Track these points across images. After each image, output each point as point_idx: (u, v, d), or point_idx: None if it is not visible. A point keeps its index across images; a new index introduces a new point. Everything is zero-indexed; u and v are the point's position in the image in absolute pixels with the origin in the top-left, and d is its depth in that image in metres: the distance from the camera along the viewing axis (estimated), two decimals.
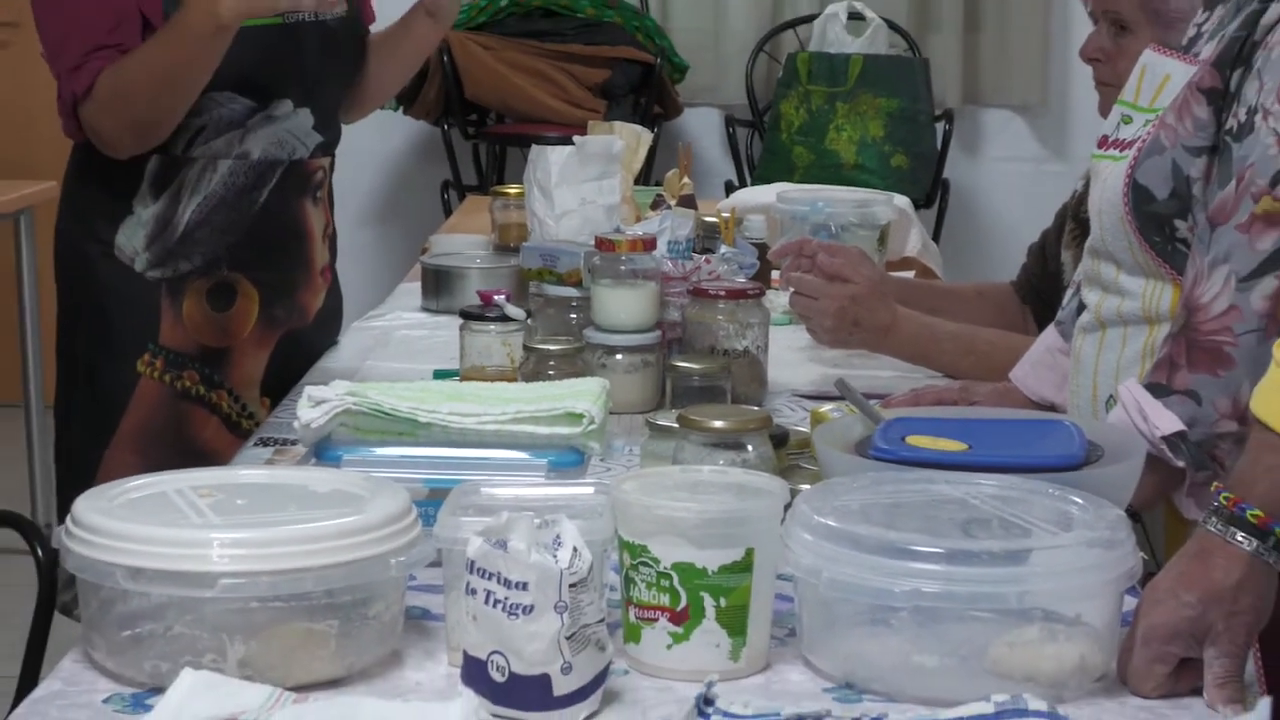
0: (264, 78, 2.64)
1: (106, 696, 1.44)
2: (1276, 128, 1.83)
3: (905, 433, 1.77)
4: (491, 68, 5.49)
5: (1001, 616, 1.45)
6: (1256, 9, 1.90)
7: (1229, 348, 1.84)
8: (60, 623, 2.28)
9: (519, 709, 1.39)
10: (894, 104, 5.52)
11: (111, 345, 2.70)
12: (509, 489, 1.63)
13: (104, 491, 1.55)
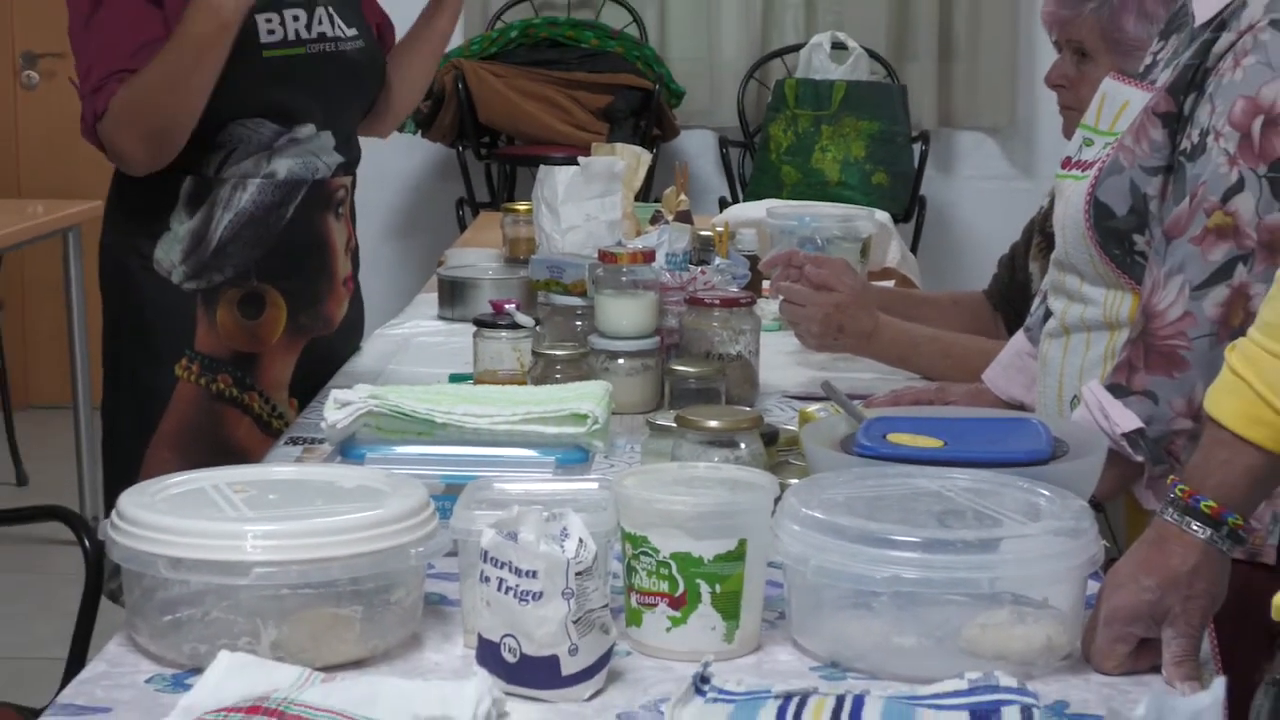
0: (288, 103, 2.64)
1: (149, 677, 1.45)
2: (1227, 148, 1.83)
3: (886, 431, 1.77)
4: (503, 94, 5.49)
5: (974, 600, 1.45)
6: (1208, 39, 1.90)
7: (1184, 351, 1.84)
8: (106, 609, 2.28)
9: (530, 687, 1.39)
10: (874, 126, 5.52)
11: (151, 351, 2.70)
12: (519, 484, 1.63)
13: (146, 487, 1.55)
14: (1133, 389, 1.87)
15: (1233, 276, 1.83)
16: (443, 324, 2.91)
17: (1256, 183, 1.82)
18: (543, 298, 2.54)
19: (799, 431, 1.94)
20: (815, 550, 1.45)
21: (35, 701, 1.76)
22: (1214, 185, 1.83)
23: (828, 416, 1.95)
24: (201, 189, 2.65)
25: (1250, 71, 1.83)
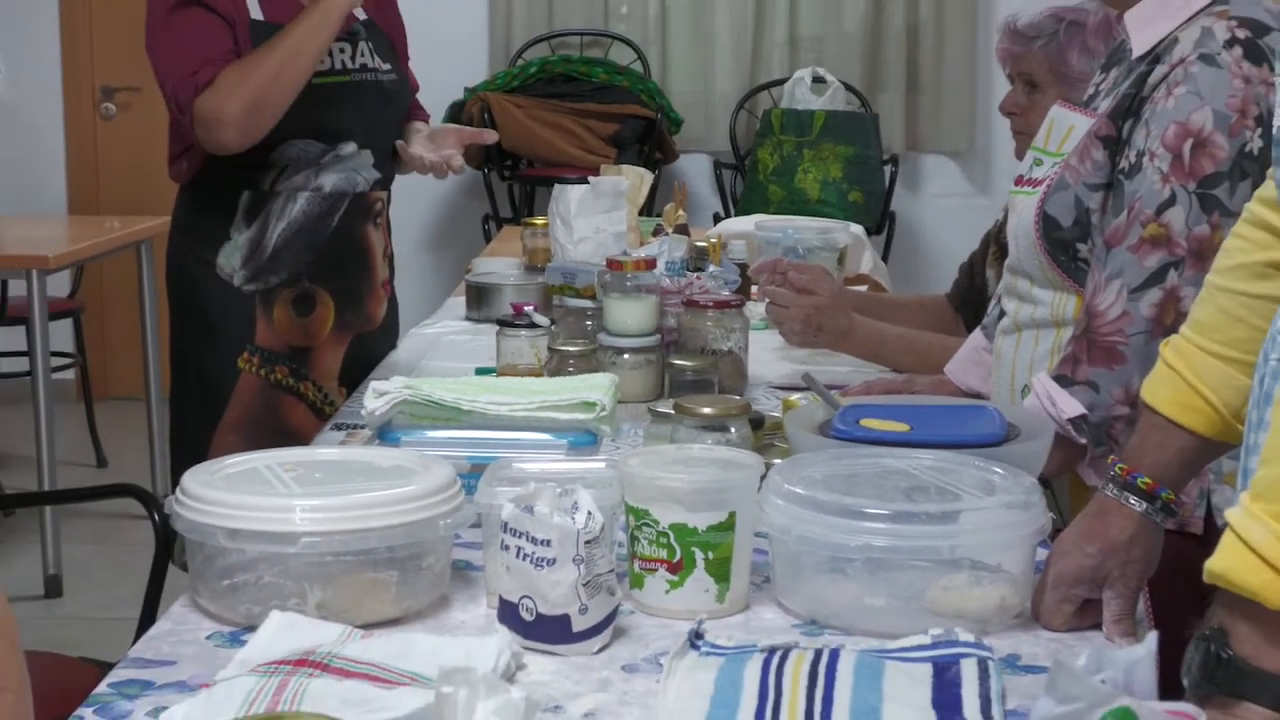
0: (334, 124, 2.64)
1: (209, 634, 1.45)
2: (1160, 167, 1.82)
3: (859, 417, 1.77)
4: (523, 123, 5.49)
5: (936, 565, 1.45)
6: (1144, 71, 1.90)
7: (1122, 346, 1.84)
8: (172, 575, 2.28)
9: (544, 643, 1.39)
10: (850, 151, 5.52)
11: (216, 347, 2.71)
12: (536, 464, 1.63)
13: (207, 467, 1.56)
14: (1077, 379, 1.86)
15: (1165, 281, 1.82)
16: (470, 324, 2.91)
17: (1186, 198, 1.81)
18: (557, 300, 2.54)
19: (782, 417, 1.94)
20: (796, 521, 1.46)
21: (111, 656, 1.76)
22: (1149, 200, 1.83)
23: (808, 404, 1.95)
24: (258, 202, 2.66)
25: (1181, 100, 1.83)
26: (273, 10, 2.62)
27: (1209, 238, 1.81)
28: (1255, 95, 1.81)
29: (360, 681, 1.27)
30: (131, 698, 1.31)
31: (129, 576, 3.49)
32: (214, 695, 1.26)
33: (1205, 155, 1.81)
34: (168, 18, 2.59)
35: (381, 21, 2.82)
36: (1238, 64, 1.82)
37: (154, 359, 4.58)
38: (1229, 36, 1.83)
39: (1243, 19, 1.84)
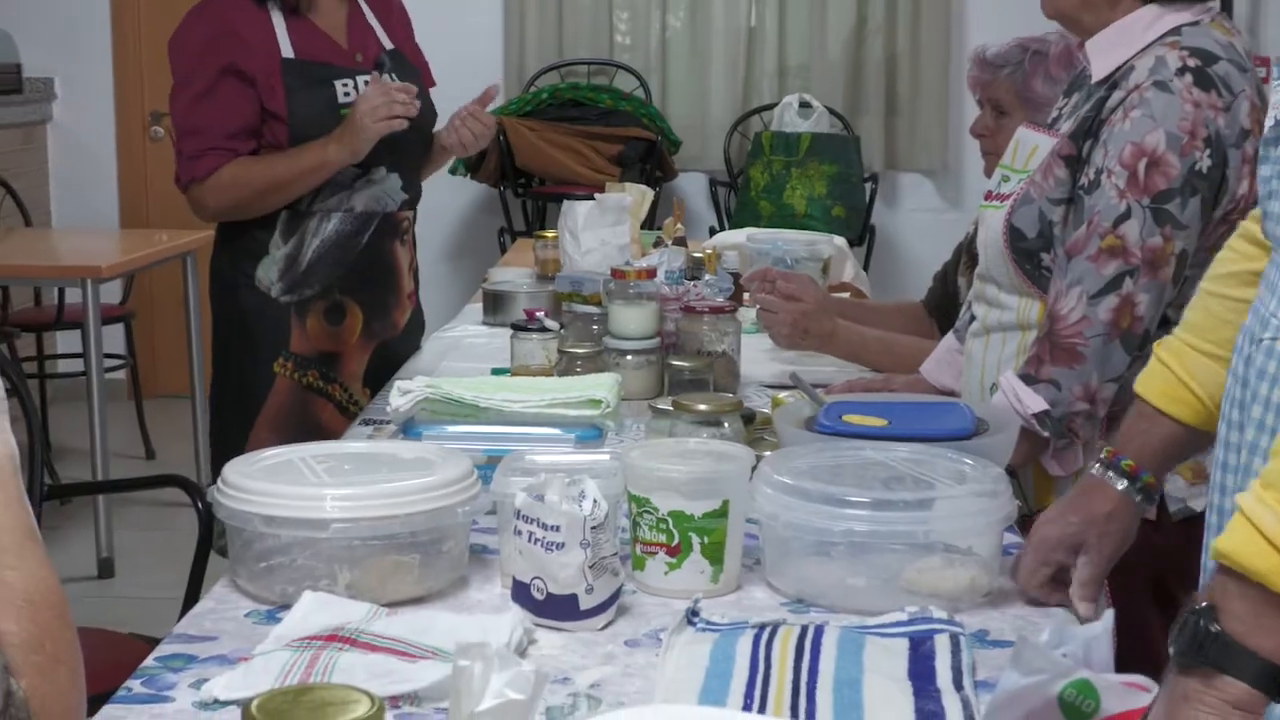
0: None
1: (247, 612, 1.45)
2: (1117, 184, 1.82)
3: (842, 413, 1.77)
4: (535, 144, 5.50)
5: (912, 549, 1.45)
6: (1102, 95, 1.90)
7: (1081, 348, 1.84)
8: (214, 559, 2.28)
9: (554, 620, 1.39)
10: (834, 169, 5.52)
11: (254, 352, 2.71)
12: (546, 456, 1.63)
13: (245, 460, 1.56)
14: (1040, 378, 1.86)
15: (1121, 288, 1.82)
16: (486, 328, 2.90)
17: (1141, 212, 1.81)
18: (566, 307, 2.54)
19: (772, 413, 1.94)
20: (784, 508, 1.46)
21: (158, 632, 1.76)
22: (1106, 214, 1.83)
23: (795, 401, 1.95)
24: (295, 221, 2.66)
25: (1137, 122, 1.82)
26: (302, 48, 2.62)
27: (1161, 248, 1.81)
28: (1204, 118, 1.81)
29: (385, 655, 1.28)
30: (176, 670, 1.31)
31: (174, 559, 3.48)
32: (252, 668, 1.27)
33: (1158, 173, 1.81)
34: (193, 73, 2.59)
35: (407, 52, 2.82)
36: (1188, 90, 1.82)
37: (198, 361, 4.58)
38: (1180, 65, 1.83)
39: (1193, 49, 1.84)
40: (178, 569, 2.49)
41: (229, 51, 2.58)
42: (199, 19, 2.63)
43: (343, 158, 2.58)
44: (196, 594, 2.23)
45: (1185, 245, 1.82)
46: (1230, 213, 1.84)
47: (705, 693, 1.20)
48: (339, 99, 2.62)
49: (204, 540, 2.29)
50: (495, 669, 0.90)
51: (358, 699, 0.93)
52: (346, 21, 2.72)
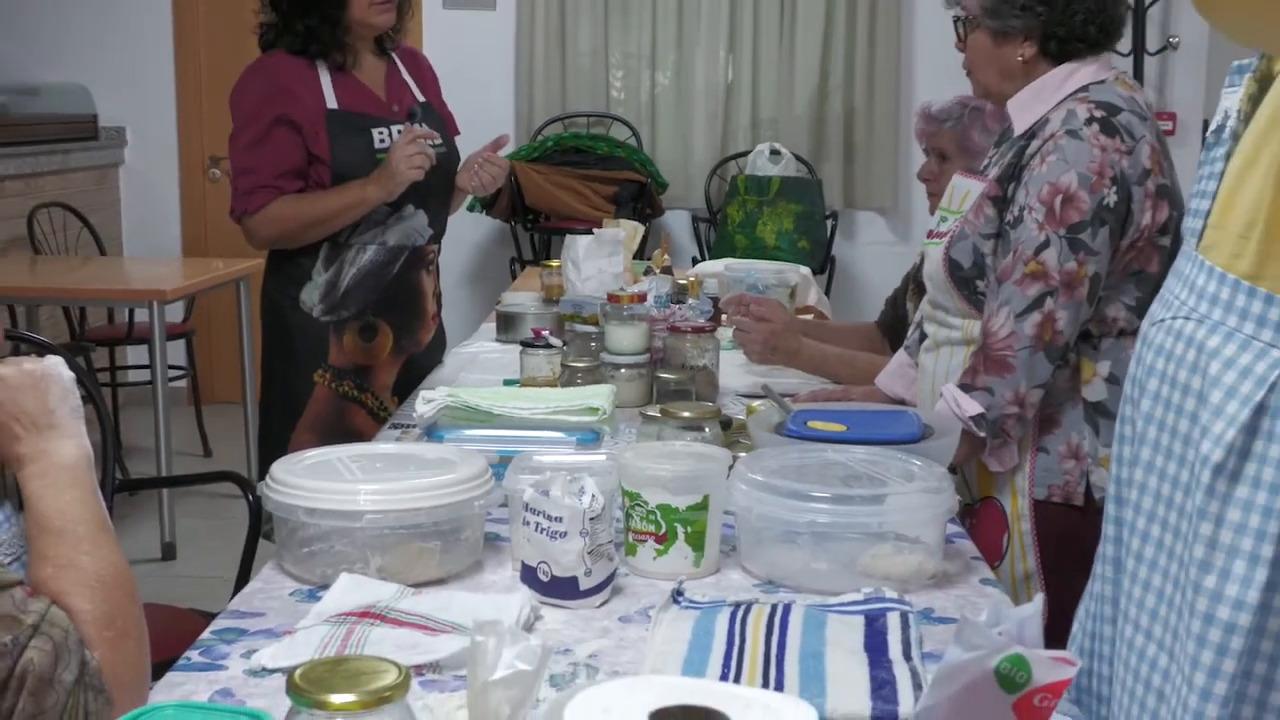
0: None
1: (291, 591, 1.45)
2: (1037, 218, 1.85)
3: (807, 419, 1.77)
4: (542, 185, 5.50)
5: (867, 537, 1.45)
6: (1023, 144, 1.93)
7: (1011, 359, 1.85)
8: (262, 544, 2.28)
9: (557, 599, 1.39)
10: (799, 208, 5.53)
11: (297, 364, 2.70)
12: (550, 456, 1.63)
13: (290, 459, 1.55)
14: (976, 386, 1.87)
15: (1044, 306, 1.84)
16: (499, 344, 2.90)
17: (1058, 241, 1.83)
18: (569, 326, 2.54)
19: (746, 420, 1.93)
20: (757, 502, 1.46)
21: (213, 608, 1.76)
22: (1029, 244, 1.85)
23: (766, 409, 1.94)
24: (335, 251, 2.66)
25: (1052, 165, 1.85)
26: (345, 100, 2.62)
27: (1076, 272, 1.83)
28: (1110, 160, 1.83)
29: (411, 630, 1.27)
30: (229, 642, 1.30)
31: (228, 545, 3.48)
32: (295, 640, 1.26)
33: (1072, 208, 1.83)
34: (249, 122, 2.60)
35: (435, 104, 2.82)
36: (1095, 137, 1.84)
37: (249, 372, 4.57)
38: (1088, 116, 1.85)
39: (1099, 102, 1.87)
40: (231, 553, 2.48)
41: (280, 103, 2.58)
42: (255, 75, 2.63)
43: (378, 197, 2.58)
44: (247, 575, 2.22)
45: (1097, 269, 1.85)
46: (1136, 240, 1.86)
47: (688, 663, 1.20)
48: (375, 145, 2.62)
49: (254, 528, 2.29)
50: (507, 643, 0.90)
51: (387, 668, 0.92)
52: (385, 77, 2.73)
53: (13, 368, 1.27)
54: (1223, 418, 1.07)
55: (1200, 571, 1.08)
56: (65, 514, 1.22)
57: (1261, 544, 1.04)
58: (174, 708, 0.92)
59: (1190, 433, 1.12)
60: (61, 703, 1.12)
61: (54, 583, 1.19)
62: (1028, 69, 1.95)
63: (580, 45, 5.81)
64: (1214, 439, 1.07)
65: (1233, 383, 1.07)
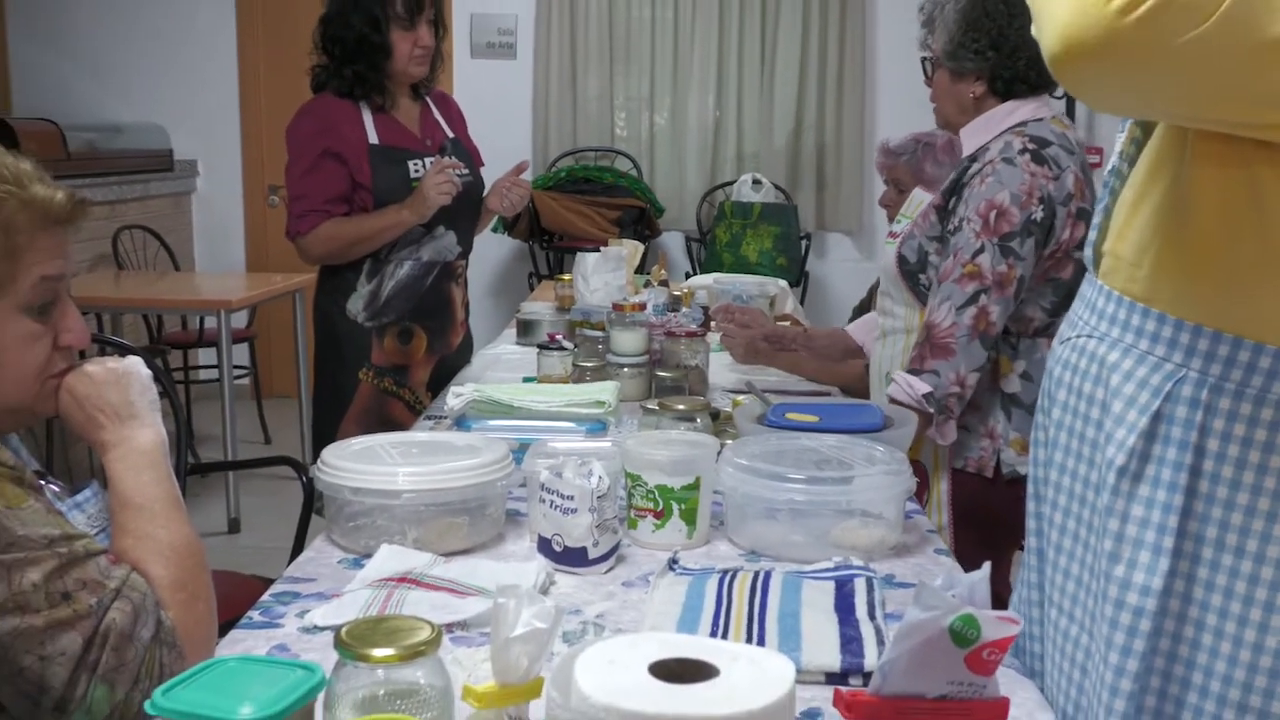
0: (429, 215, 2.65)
1: (339, 559, 1.44)
2: (974, 228, 1.89)
3: (785, 412, 1.77)
4: (556, 210, 5.49)
5: (837, 513, 1.44)
6: (965, 166, 1.98)
7: (953, 345, 1.88)
8: (314, 519, 2.27)
9: (569, 566, 1.38)
10: (778, 230, 5.53)
11: (344, 364, 2.70)
12: (563, 443, 1.62)
13: (338, 445, 1.54)
14: (923, 369, 1.90)
15: (979, 302, 1.87)
16: (519, 347, 2.90)
17: (992, 248, 1.87)
18: (579, 331, 2.53)
19: (732, 412, 1.93)
20: (741, 483, 1.45)
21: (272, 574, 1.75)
22: (966, 249, 1.88)
23: (750, 403, 1.94)
24: (376, 266, 2.66)
25: (990, 185, 1.89)
26: (386, 137, 2.62)
27: (1007, 274, 1.88)
28: (1038, 184, 1.88)
29: (442, 593, 1.27)
30: (285, 604, 1.30)
31: (285, 519, 3.48)
32: (343, 602, 1.26)
33: (1004, 220, 1.87)
34: (302, 154, 2.60)
35: (463, 140, 2.82)
36: (1027, 165, 1.88)
37: (303, 371, 4.57)
38: (1022, 147, 1.90)
39: (1033, 136, 1.92)
40: (287, 526, 2.48)
41: (329, 139, 2.58)
42: (308, 115, 2.64)
43: (413, 219, 2.59)
44: (301, 546, 2.22)
45: (1024, 272, 1.89)
46: (1055, 251, 1.91)
47: (682, 622, 1.19)
48: (411, 174, 2.62)
49: (307, 505, 2.29)
50: (525, 604, 0.89)
51: (422, 626, 0.92)
52: (419, 117, 2.73)
53: (99, 366, 1.27)
54: (1124, 425, 1.07)
55: (1110, 562, 1.07)
56: (143, 492, 1.22)
57: (1163, 536, 1.04)
58: (237, 660, 0.92)
59: (1097, 439, 1.11)
60: (140, 656, 1.11)
61: (134, 552, 1.18)
62: (978, 103, 2.00)
63: (589, 89, 5.81)
64: (1117, 444, 1.07)
65: (1132, 393, 1.07)
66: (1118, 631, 1.06)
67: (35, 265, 1.19)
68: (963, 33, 1.96)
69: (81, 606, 1.10)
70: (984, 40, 1.95)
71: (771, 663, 0.76)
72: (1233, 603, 1.02)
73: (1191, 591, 1.04)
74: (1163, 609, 1.05)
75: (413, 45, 2.60)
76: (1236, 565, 1.02)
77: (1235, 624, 1.02)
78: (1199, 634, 1.04)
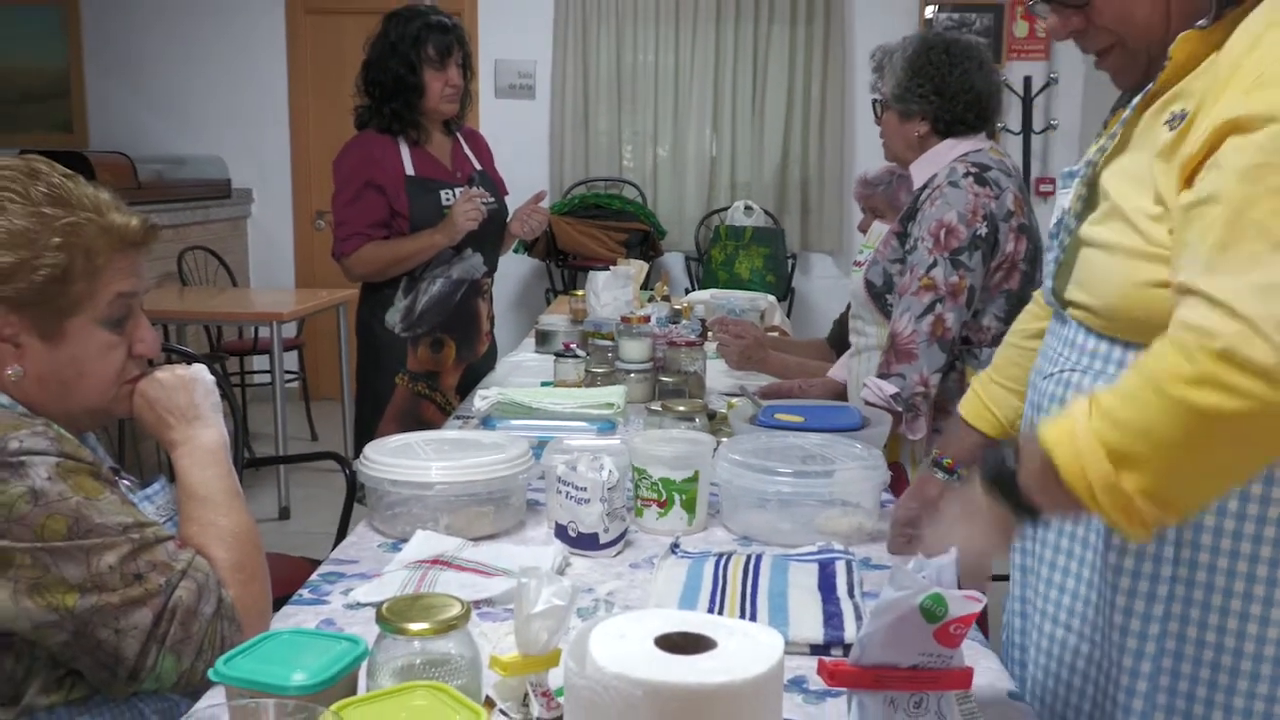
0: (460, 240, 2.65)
1: (379, 543, 1.44)
2: (927, 246, 1.89)
3: (774, 413, 1.77)
4: (571, 233, 5.49)
5: (821, 503, 1.44)
6: (918, 194, 1.99)
7: (914, 350, 1.89)
8: (357, 508, 2.27)
9: (583, 550, 1.38)
10: (767, 250, 5.53)
11: (382, 370, 2.70)
12: (577, 440, 1.63)
13: (378, 442, 1.55)
14: (890, 373, 1.90)
15: (935, 310, 1.88)
16: (538, 355, 2.90)
17: (944, 262, 1.88)
18: (591, 341, 2.54)
19: (727, 413, 1.93)
20: (736, 476, 1.45)
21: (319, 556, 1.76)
22: (921, 265, 1.89)
23: (743, 404, 1.95)
24: (412, 283, 2.66)
25: (939, 206, 1.90)
26: (420, 168, 2.63)
27: (958, 284, 1.88)
28: (982, 203, 1.89)
29: (471, 574, 1.27)
30: (331, 583, 1.30)
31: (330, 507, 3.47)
32: (383, 581, 1.26)
33: (953, 237, 1.88)
34: (346, 184, 2.61)
35: (489, 171, 2.83)
36: (971, 187, 1.90)
37: (346, 376, 4.57)
38: (965, 171, 1.92)
39: (974, 162, 1.94)
40: (333, 514, 2.48)
41: (370, 171, 2.59)
42: (352, 150, 2.64)
43: (444, 242, 2.59)
44: (345, 531, 2.22)
45: (973, 283, 1.90)
46: (1002, 263, 1.92)
47: (683, 600, 1.20)
48: (442, 202, 2.63)
49: (350, 495, 2.29)
50: (545, 584, 0.90)
51: (453, 603, 0.92)
52: (450, 151, 2.73)
53: (168, 372, 1.28)
54: None
55: (1116, 575, 1.05)
56: (207, 485, 1.22)
57: (1164, 547, 1.03)
58: (289, 633, 0.92)
59: None
60: (203, 630, 1.12)
61: (198, 537, 1.19)
62: (923, 141, 2.01)
63: (599, 126, 5.82)
64: None
65: None
66: (1129, 637, 1.05)
67: (113, 283, 1.19)
68: (909, 79, 1.98)
69: (152, 586, 1.10)
70: (928, 86, 1.97)
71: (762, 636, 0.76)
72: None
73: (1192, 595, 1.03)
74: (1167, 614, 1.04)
75: (444, 85, 2.61)
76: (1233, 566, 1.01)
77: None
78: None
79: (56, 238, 1.15)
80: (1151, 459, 0.84)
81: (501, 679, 0.92)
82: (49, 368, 1.18)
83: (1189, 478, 0.85)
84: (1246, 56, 0.91)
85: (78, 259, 1.16)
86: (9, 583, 1.06)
